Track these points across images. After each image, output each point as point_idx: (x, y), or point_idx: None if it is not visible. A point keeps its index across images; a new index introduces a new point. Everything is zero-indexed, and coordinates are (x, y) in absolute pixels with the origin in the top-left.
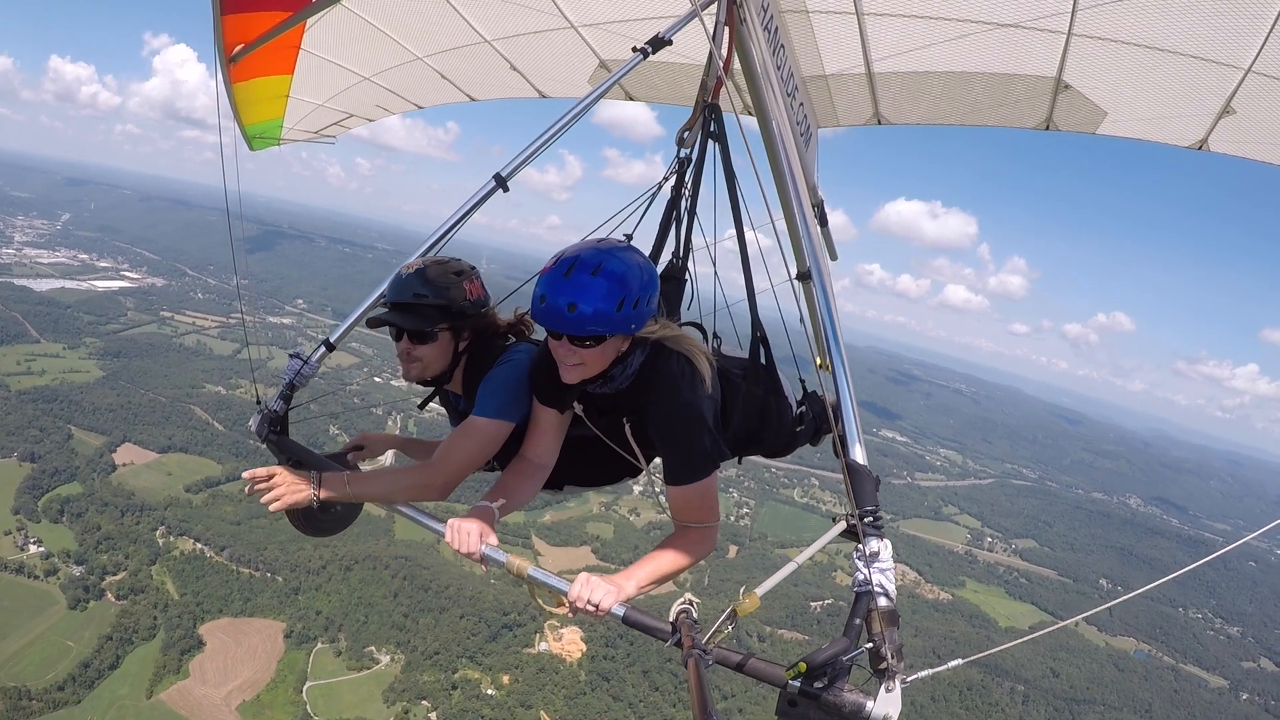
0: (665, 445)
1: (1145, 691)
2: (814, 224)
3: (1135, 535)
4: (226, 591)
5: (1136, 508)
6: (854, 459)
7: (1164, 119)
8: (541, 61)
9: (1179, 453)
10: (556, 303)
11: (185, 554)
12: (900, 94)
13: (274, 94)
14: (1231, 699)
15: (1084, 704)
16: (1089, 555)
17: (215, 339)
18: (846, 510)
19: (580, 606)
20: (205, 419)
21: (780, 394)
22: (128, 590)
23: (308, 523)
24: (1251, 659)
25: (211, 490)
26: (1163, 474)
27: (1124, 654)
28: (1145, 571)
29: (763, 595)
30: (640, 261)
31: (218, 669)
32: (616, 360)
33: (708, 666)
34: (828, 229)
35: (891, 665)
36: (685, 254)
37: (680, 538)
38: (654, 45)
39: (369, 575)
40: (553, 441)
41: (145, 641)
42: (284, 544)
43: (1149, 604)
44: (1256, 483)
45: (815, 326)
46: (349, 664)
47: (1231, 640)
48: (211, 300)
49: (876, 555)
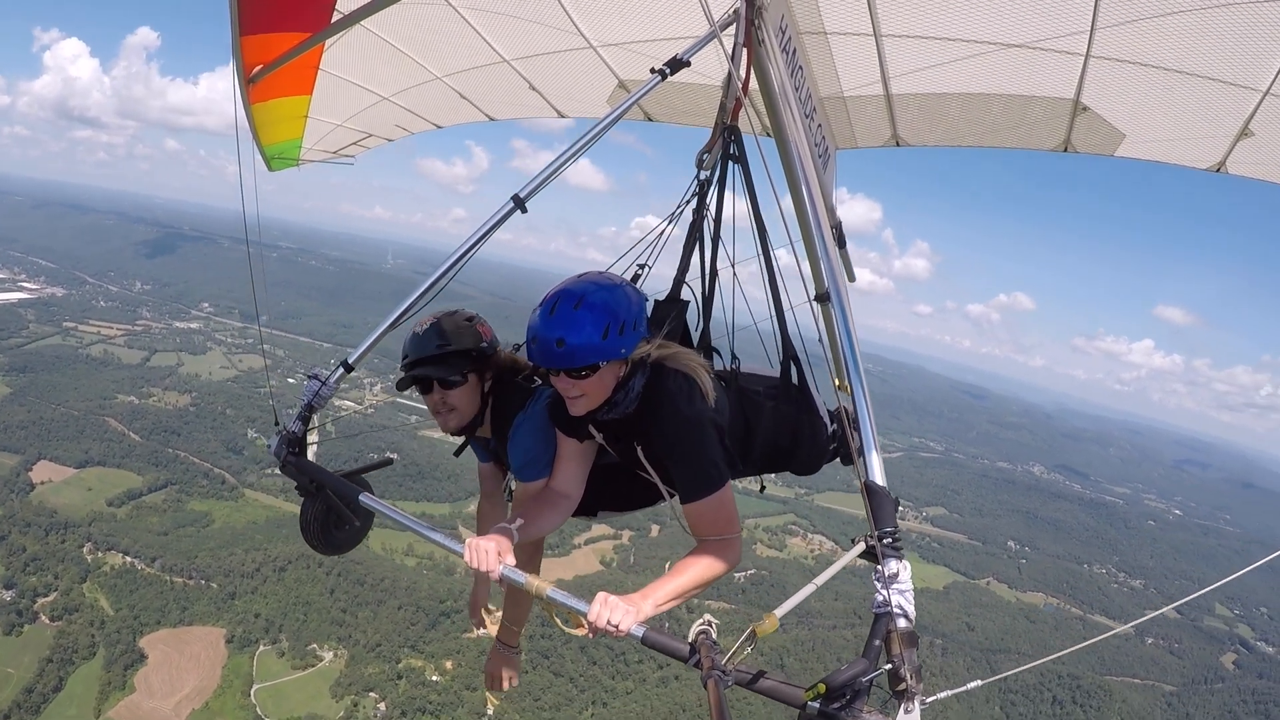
0: (673, 462)
1: (1056, 640)
2: (833, 246)
3: (1040, 500)
4: (162, 602)
5: (1040, 475)
6: (873, 480)
7: (1182, 141)
8: (560, 81)
9: (1079, 423)
10: (547, 341)
11: (116, 568)
12: (918, 115)
13: (293, 114)
14: (1137, 644)
15: (999, 653)
16: (996, 519)
17: (122, 348)
18: (866, 531)
19: (600, 627)
20: (121, 430)
21: (814, 412)
22: (62, 610)
23: (325, 541)
24: (1154, 608)
25: (135, 502)
26: (1064, 443)
27: (1034, 608)
28: (1050, 532)
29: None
30: (623, 287)
31: (163, 681)
32: (618, 386)
33: (727, 687)
34: (845, 251)
35: (911, 686)
36: (712, 277)
37: (700, 552)
38: (672, 66)
39: (304, 574)
40: (576, 470)
41: (86, 661)
42: (214, 550)
43: (1055, 561)
44: (1154, 449)
45: (834, 348)
46: (293, 663)
47: (1135, 592)
48: (115, 308)
49: (895, 577)
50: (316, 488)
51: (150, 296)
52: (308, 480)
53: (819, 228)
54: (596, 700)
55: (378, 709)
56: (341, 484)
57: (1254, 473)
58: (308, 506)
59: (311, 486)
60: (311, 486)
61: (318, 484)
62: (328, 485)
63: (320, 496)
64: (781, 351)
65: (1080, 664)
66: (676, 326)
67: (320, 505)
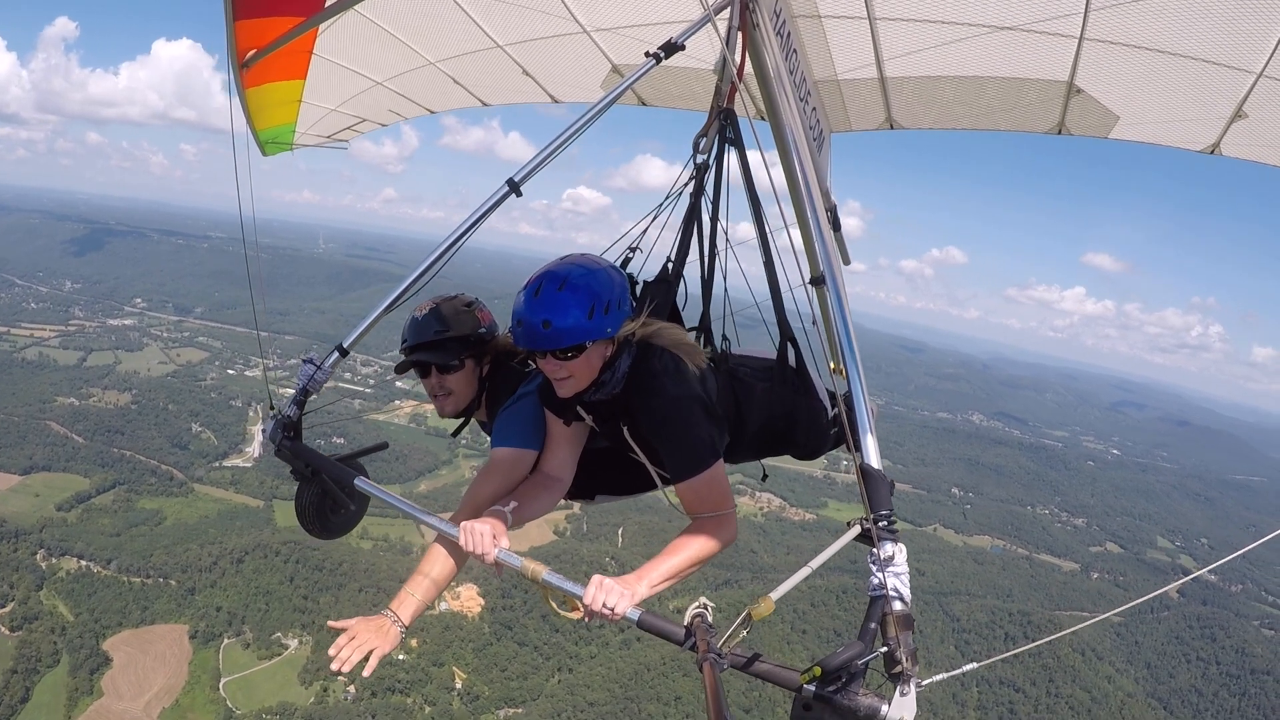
0: (661, 442)
1: (1004, 579)
2: (828, 229)
3: (981, 446)
4: (122, 604)
5: (980, 423)
6: (869, 463)
7: (1176, 123)
8: (554, 66)
9: (1016, 371)
10: (532, 323)
11: (71, 573)
12: (913, 98)
13: (287, 99)
14: (1084, 579)
15: (950, 595)
16: (939, 468)
17: (57, 349)
18: (861, 514)
19: (596, 609)
20: (64, 433)
21: (811, 395)
22: (21, 620)
23: (322, 525)
24: (1098, 544)
25: (84, 505)
26: (1002, 391)
27: (981, 550)
28: (992, 478)
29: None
30: (605, 267)
31: (131, 682)
32: (605, 366)
33: (722, 670)
34: (840, 234)
35: (906, 669)
36: (711, 259)
37: (694, 531)
38: (667, 50)
39: (261, 564)
40: (566, 454)
41: (50, 669)
42: (169, 547)
43: (999, 505)
44: (1090, 393)
45: (829, 331)
46: (259, 654)
47: (1078, 530)
48: (46, 309)
49: (891, 560)
50: (312, 472)
51: (81, 295)
52: (303, 464)
53: (814, 211)
54: (562, 667)
55: (348, 691)
56: (337, 468)
57: (1189, 411)
58: (303, 491)
59: (307, 471)
60: (307, 471)
61: (313, 468)
62: (323, 469)
63: (316, 481)
64: (781, 333)
65: (1029, 600)
66: (664, 305)
67: (316, 490)
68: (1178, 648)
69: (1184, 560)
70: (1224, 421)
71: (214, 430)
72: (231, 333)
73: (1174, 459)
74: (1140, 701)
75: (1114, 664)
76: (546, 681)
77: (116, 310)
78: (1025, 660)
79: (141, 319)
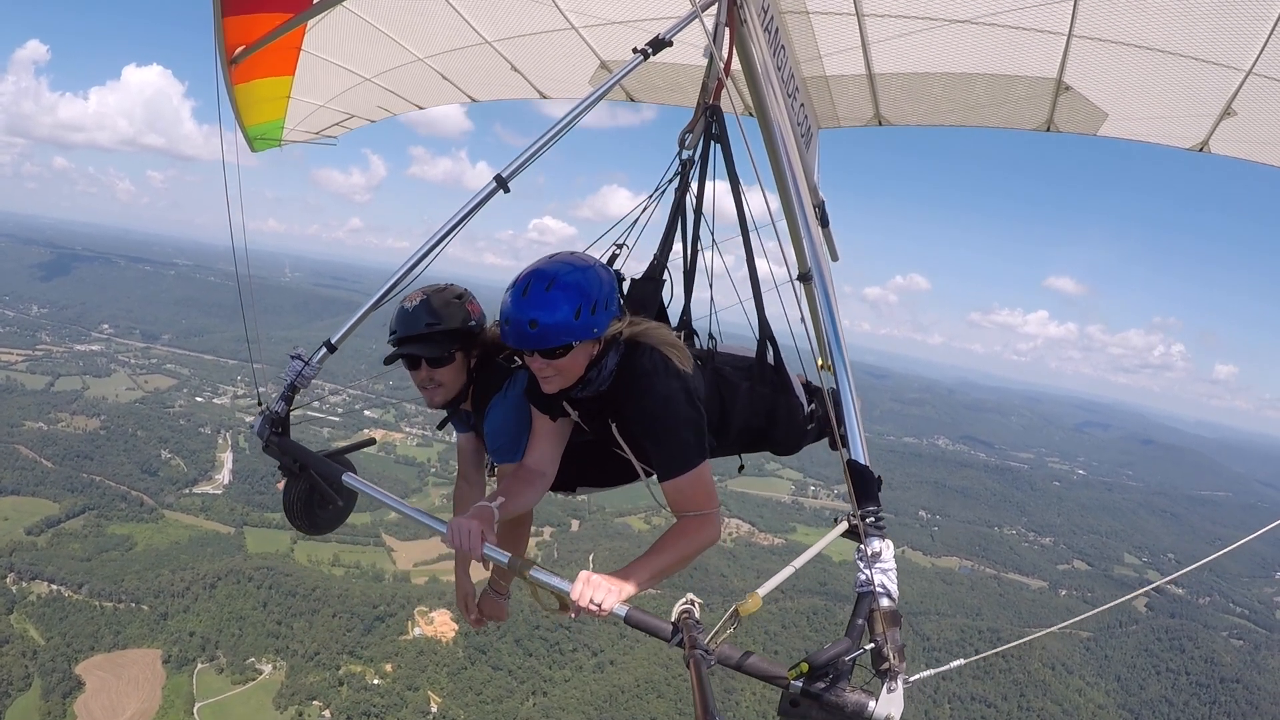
0: (648, 440)
1: (973, 599)
2: (815, 225)
3: (947, 469)
4: (94, 628)
5: (945, 446)
6: (856, 459)
7: (1165, 120)
8: (542, 62)
9: (981, 395)
10: (519, 322)
11: (42, 597)
12: (901, 95)
13: (275, 95)
14: (1051, 596)
15: (920, 615)
16: (906, 491)
17: (25, 374)
18: (848, 510)
19: (584, 606)
20: (33, 458)
21: (789, 393)
22: None
23: (309, 521)
24: (1065, 562)
25: (54, 530)
26: (967, 415)
27: (949, 571)
28: (959, 500)
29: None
30: (594, 265)
31: (104, 707)
32: (591, 364)
33: (709, 667)
34: (829, 230)
35: (894, 665)
36: (694, 256)
37: (680, 529)
38: (654, 46)
39: (234, 589)
40: (550, 448)
41: (22, 693)
42: (140, 573)
43: (966, 526)
44: (1054, 415)
45: (816, 327)
46: (233, 679)
47: (1046, 549)
48: (13, 333)
49: (878, 556)
50: (300, 468)
51: (48, 320)
52: (291, 460)
53: (801, 207)
54: (536, 690)
55: (323, 716)
56: (325, 464)
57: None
58: (290, 487)
59: (295, 467)
60: (295, 467)
61: (301, 464)
62: (311, 465)
63: (303, 477)
64: (759, 332)
65: (999, 618)
66: (651, 304)
67: (304, 485)
68: (1147, 660)
69: (1151, 575)
70: (1187, 439)
71: (183, 457)
72: (199, 360)
73: (1139, 477)
74: (1111, 713)
75: (1084, 677)
76: (521, 705)
77: (84, 335)
78: (996, 675)
79: (109, 345)
